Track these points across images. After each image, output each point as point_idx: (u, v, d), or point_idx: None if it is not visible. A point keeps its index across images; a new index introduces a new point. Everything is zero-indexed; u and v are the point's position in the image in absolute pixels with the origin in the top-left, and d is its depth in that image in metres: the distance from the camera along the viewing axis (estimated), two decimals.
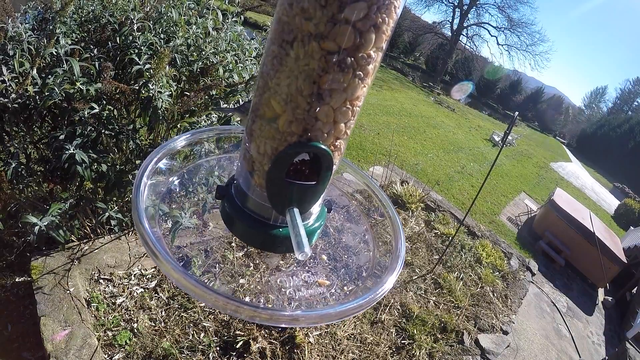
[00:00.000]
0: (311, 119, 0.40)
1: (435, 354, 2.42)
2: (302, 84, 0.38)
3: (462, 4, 23.86)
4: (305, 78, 0.38)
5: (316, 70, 0.37)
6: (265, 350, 1.91)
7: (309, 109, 0.39)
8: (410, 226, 3.78)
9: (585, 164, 20.20)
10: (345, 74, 0.38)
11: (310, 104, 0.39)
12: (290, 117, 0.40)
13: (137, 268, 2.05)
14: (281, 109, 0.40)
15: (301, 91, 0.39)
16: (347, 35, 0.36)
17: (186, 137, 0.63)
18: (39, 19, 1.72)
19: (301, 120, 0.40)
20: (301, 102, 0.39)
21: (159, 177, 0.57)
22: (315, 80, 0.38)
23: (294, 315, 0.42)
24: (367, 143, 5.94)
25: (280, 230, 0.48)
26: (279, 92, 0.40)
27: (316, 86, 0.38)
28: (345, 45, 0.36)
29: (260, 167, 0.44)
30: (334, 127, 0.42)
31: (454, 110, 14.80)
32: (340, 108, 0.40)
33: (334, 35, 0.36)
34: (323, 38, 0.36)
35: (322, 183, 0.45)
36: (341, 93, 0.39)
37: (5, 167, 1.61)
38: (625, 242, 6.20)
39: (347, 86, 0.39)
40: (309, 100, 0.39)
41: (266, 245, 0.50)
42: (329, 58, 0.37)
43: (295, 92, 0.39)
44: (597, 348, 3.74)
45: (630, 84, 36.06)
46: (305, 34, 0.37)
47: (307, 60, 0.37)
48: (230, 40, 2.10)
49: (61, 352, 1.54)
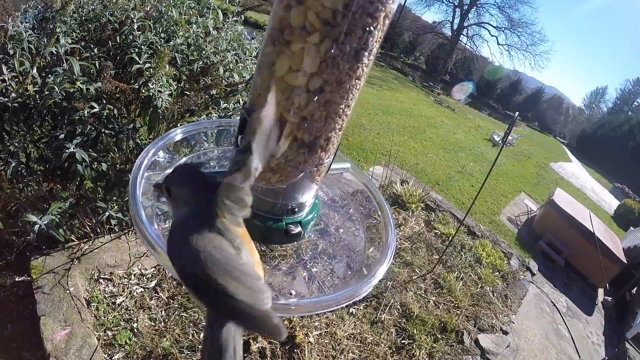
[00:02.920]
0: (254, 88, 0.46)
1: (435, 354, 2.42)
2: (258, 56, 0.47)
3: (463, 4, 23.85)
4: (260, 51, 0.47)
5: (263, 45, 0.45)
6: (265, 350, 1.91)
7: (254, 78, 0.46)
8: (410, 226, 3.77)
9: (585, 164, 20.19)
10: (273, 48, 0.41)
11: (256, 72, 0.46)
12: (252, 86, 0.47)
13: (137, 268, 2.05)
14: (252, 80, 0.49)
15: (257, 64, 0.46)
16: (280, 12, 0.40)
17: (183, 130, 0.63)
18: (39, 18, 1.72)
19: (252, 88, 0.47)
20: (255, 73, 0.48)
21: (155, 174, 0.57)
22: (261, 52, 0.45)
23: (288, 303, 0.43)
24: (367, 143, 5.94)
25: (277, 223, 0.49)
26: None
27: (260, 56, 0.45)
28: (276, 21, 0.41)
29: None
30: (268, 101, 0.41)
31: (454, 110, 14.79)
32: (269, 82, 0.43)
33: (275, 11, 0.41)
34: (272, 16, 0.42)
35: (239, 143, 0.48)
36: (269, 66, 0.42)
37: (5, 166, 1.61)
38: (625, 242, 6.20)
39: (274, 61, 0.41)
40: (256, 70, 0.46)
41: (268, 239, 0.51)
42: (268, 33, 0.43)
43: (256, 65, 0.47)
44: (596, 348, 3.74)
45: (630, 84, 36.04)
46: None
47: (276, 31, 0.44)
48: (231, 39, 2.10)
49: (61, 352, 1.54)
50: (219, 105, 1.89)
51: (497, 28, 24.21)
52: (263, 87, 0.41)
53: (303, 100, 0.41)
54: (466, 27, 24.60)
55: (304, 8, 0.36)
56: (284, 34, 0.38)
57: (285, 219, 0.50)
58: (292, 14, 0.37)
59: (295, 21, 0.37)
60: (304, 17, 0.36)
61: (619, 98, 36.37)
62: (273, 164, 0.44)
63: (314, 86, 0.40)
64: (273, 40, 0.39)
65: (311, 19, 0.36)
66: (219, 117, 1.93)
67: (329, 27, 0.37)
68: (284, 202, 0.49)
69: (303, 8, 0.36)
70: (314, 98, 0.41)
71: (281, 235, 0.50)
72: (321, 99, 0.41)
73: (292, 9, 0.37)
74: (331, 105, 0.42)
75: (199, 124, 0.69)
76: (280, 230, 0.49)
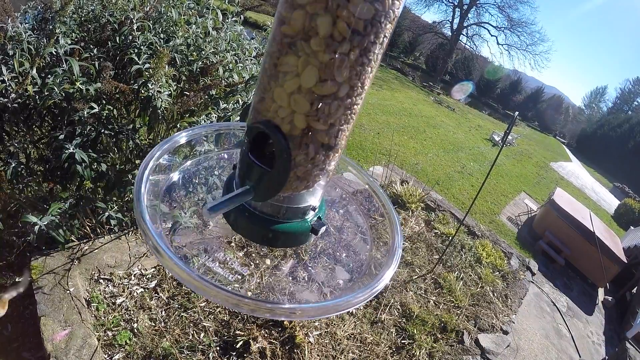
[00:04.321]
0: (270, 99, 0.42)
1: (435, 353, 2.42)
2: (267, 62, 0.41)
3: (462, 4, 23.85)
4: (268, 57, 0.41)
5: (275, 51, 0.39)
6: (265, 350, 1.91)
7: (268, 88, 0.41)
8: (410, 226, 3.78)
9: (585, 163, 20.20)
10: (297, 59, 0.38)
11: (269, 82, 0.41)
12: (260, 95, 0.43)
13: (137, 268, 2.05)
14: (258, 87, 0.44)
15: (265, 70, 0.41)
16: (301, 20, 0.37)
17: (187, 134, 0.63)
18: (38, 19, 1.72)
19: (264, 99, 0.42)
20: (263, 80, 0.42)
21: (159, 176, 0.57)
22: (275, 61, 0.40)
23: (292, 308, 0.43)
24: (367, 143, 5.94)
25: (280, 225, 0.49)
26: (262, 70, 0.43)
27: (274, 65, 0.40)
28: (298, 29, 0.37)
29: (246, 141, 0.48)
30: (292, 116, 0.41)
31: (454, 110, 14.80)
32: (294, 94, 0.40)
33: (291, 18, 0.37)
34: (284, 22, 0.38)
35: (277, 173, 0.44)
36: (294, 77, 0.39)
37: (5, 166, 1.61)
38: (625, 242, 6.20)
39: (300, 72, 0.39)
40: (268, 79, 0.41)
41: (267, 241, 0.51)
42: (284, 41, 0.38)
43: (262, 71, 0.42)
44: (597, 348, 3.74)
45: (630, 83, 36.04)
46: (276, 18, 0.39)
47: (270, 41, 0.40)
48: (230, 40, 2.10)
49: (61, 352, 1.54)
50: (219, 105, 1.89)
51: (496, 28, 24.23)
52: (285, 99, 0.40)
53: (333, 108, 0.41)
54: (466, 27, 24.61)
55: (333, 17, 0.36)
56: (310, 44, 0.37)
57: (307, 219, 0.52)
58: (320, 23, 0.36)
59: (323, 31, 0.37)
60: (334, 26, 0.37)
61: (619, 98, 36.38)
62: (300, 173, 0.45)
63: (342, 93, 0.41)
64: (297, 51, 0.38)
65: (341, 29, 0.37)
66: (218, 117, 1.93)
67: (360, 36, 0.38)
68: (306, 205, 0.50)
69: (331, 17, 0.36)
70: (342, 104, 0.42)
71: (308, 235, 0.52)
72: (347, 104, 0.42)
73: (319, 17, 0.36)
74: (352, 107, 0.43)
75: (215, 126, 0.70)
76: (307, 231, 0.51)
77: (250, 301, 0.40)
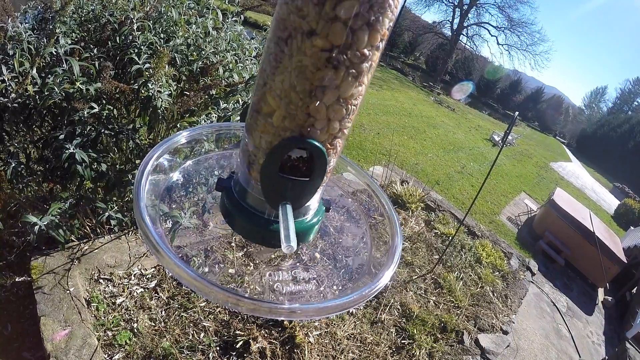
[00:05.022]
0: (304, 115, 0.41)
1: (435, 353, 2.42)
2: (295, 80, 0.39)
3: (462, 4, 23.86)
4: (299, 74, 0.38)
5: (309, 67, 0.38)
6: (265, 350, 1.91)
7: (301, 105, 0.40)
8: (410, 226, 3.78)
9: (585, 164, 20.20)
10: (337, 72, 0.38)
11: (303, 100, 0.40)
12: (284, 113, 0.41)
13: (137, 268, 2.05)
14: (276, 104, 0.41)
15: (294, 87, 0.39)
16: (339, 33, 0.36)
17: (187, 134, 0.63)
18: (38, 19, 1.72)
19: (294, 116, 0.41)
20: (294, 98, 0.40)
21: (158, 176, 0.57)
22: (308, 77, 0.38)
23: (292, 308, 0.43)
24: (367, 143, 5.94)
25: (275, 224, 0.49)
26: (274, 88, 0.41)
27: (309, 83, 0.38)
28: (337, 43, 0.37)
29: (256, 160, 0.45)
30: (327, 125, 0.42)
31: (454, 110, 14.80)
32: (333, 105, 0.41)
33: (326, 33, 0.36)
34: (316, 35, 0.36)
35: (315, 180, 0.46)
36: (333, 90, 0.40)
37: (5, 166, 1.61)
38: (625, 242, 6.20)
39: (339, 84, 0.39)
40: (302, 96, 0.39)
41: (266, 241, 0.51)
42: (322, 55, 0.37)
43: (289, 88, 0.40)
44: (597, 348, 3.74)
45: (630, 84, 36.05)
46: (299, 31, 0.37)
47: (301, 57, 0.38)
48: (230, 39, 2.10)
49: (61, 352, 1.54)
50: (219, 105, 1.89)
51: (497, 28, 24.24)
52: (323, 111, 0.41)
53: (351, 114, 0.43)
54: (466, 27, 24.61)
55: (375, 31, 0.38)
56: (348, 55, 0.38)
57: (307, 219, 0.53)
58: (360, 37, 0.37)
59: (363, 43, 0.38)
60: (373, 37, 0.38)
61: (619, 98, 36.39)
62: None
63: (360, 100, 0.42)
64: (337, 64, 0.38)
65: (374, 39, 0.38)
66: (218, 117, 1.93)
67: (382, 42, 0.39)
68: (307, 205, 0.51)
69: (373, 31, 0.38)
70: (356, 111, 0.43)
71: (308, 235, 0.53)
72: (357, 109, 0.44)
73: (359, 31, 0.37)
74: (357, 110, 0.45)
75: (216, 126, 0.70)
76: (307, 231, 0.52)
77: (248, 301, 0.40)
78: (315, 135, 0.42)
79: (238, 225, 0.50)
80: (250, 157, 0.46)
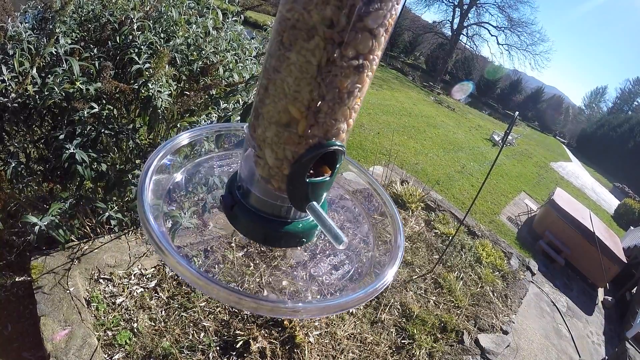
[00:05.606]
0: (331, 120, 0.42)
1: (435, 353, 2.42)
2: (325, 90, 0.40)
3: (462, 4, 23.86)
4: (329, 84, 0.39)
5: (339, 76, 0.39)
6: (265, 350, 1.91)
7: (331, 112, 0.41)
8: (410, 226, 3.78)
9: (585, 163, 20.20)
10: (361, 76, 0.40)
11: (333, 107, 0.41)
12: (312, 122, 0.42)
13: (137, 268, 2.05)
14: (300, 114, 0.41)
15: (323, 96, 0.40)
16: (367, 41, 0.38)
17: (189, 135, 0.63)
18: (38, 19, 1.72)
19: (322, 123, 0.42)
20: (323, 107, 0.41)
21: (160, 176, 0.57)
22: (337, 85, 0.40)
23: (295, 307, 0.43)
24: (367, 143, 5.94)
25: (294, 224, 0.50)
26: (300, 99, 0.40)
27: (337, 90, 0.40)
28: (363, 52, 0.39)
29: (279, 172, 0.45)
30: (347, 124, 0.45)
31: (454, 110, 14.80)
32: (354, 106, 0.43)
33: (356, 42, 0.38)
34: (345, 46, 0.37)
35: (334, 175, 0.48)
36: (357, 93, 0.42)
37: (5, 166, 1.61)
38: (625, 242, 6.20)
39: (362, 86, 0.42)
40: (331, 104, 0.41)
41: (290, 242, 0.52)
42: (351, 63, 0.39)
43: (318, 98, 0.40)
44: (597, 348, 3.74)
45: (630, 83, 36.04)
46: (329, 42, 0.37)
47: (330, 67, 0.38)
48: (230, 39, 2.10)
49: (61, 352, 1.54)
50: (219, 105, 1.89)
51: (497, 28, 24.25)
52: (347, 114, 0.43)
53: (355, 113, 0.45)
54: (466, 27, 24.62)
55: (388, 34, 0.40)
56: (369, 60, 0.40)
57: (307, 219, 0.55)
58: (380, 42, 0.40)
59: (379, 49, 0.40)
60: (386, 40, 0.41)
61: (619, 98, 36.38)
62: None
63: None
64: (363, 70, 0.40)
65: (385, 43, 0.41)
66: (218, 117, 1.93)
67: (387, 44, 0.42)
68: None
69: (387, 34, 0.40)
70: (341, 106, 0.44)
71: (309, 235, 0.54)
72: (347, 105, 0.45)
73: (380, 37, 0.39)
74: (354, 109, 0.46)
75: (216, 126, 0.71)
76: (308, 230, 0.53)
77: (250, 299, 0.40)
78: (338, 137, 0.44)
79: (240, 225, 0.50)
80: (270, 171, 0.46)
